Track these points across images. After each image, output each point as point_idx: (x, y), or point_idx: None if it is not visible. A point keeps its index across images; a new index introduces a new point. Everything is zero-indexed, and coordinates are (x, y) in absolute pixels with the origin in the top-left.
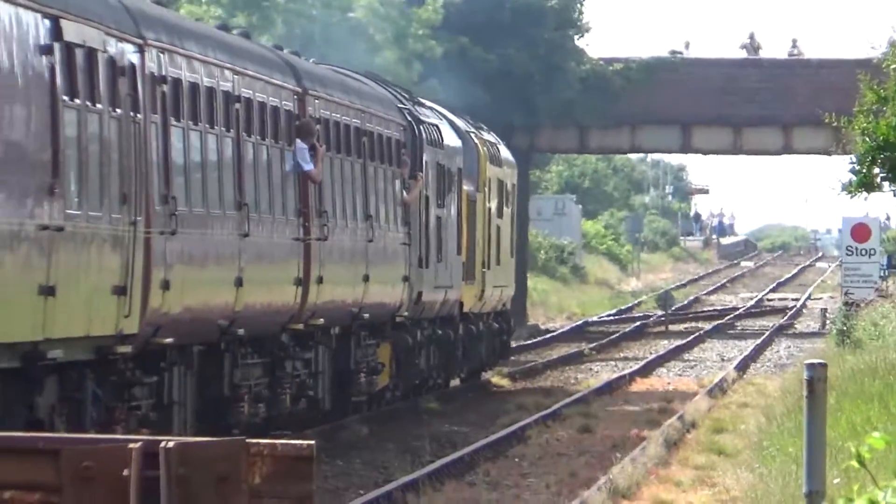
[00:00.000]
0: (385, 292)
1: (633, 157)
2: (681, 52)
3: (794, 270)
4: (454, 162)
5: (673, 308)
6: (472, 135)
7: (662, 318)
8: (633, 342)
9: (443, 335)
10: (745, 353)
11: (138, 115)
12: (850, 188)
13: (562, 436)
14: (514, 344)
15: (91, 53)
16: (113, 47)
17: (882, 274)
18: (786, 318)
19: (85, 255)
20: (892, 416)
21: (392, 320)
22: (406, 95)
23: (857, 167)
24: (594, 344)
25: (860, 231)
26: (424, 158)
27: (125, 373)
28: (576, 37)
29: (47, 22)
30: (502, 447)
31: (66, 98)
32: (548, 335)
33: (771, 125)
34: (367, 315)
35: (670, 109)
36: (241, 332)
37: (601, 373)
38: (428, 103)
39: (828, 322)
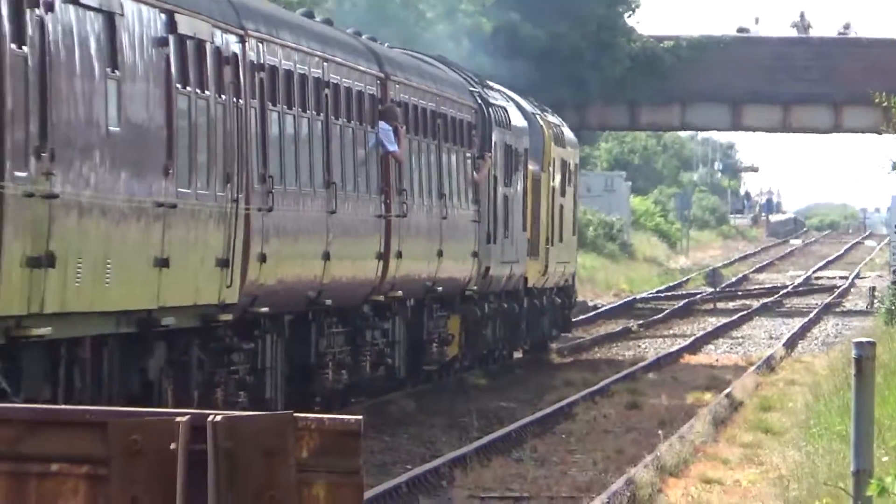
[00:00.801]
0: (456, 267)
1: (683, 134)
2: (748, 30)
3: (843, 249)
4: (521, 142)
5: (721, 285)
6: (538, 116)
7: (711, 296)
8: (682, 319)
9: (508, 308)
10: (793, 330)
11: (240, 101)
12: None
13: (609, 412)
14: None
15: (200, 44)
16: (219, 38)
17: None
18: (834, 296)
19: (194, 231)
20: None
21: (462, 294)
22: (476, 79)
23: None
24: (642, 321)
25: None
26: (493, 139)
27: (225, 339)
28: (626, 14)
29: (163, 16)
30: (550, 423)
31: (178, 86)
32: (596, 312)
33: (820, 103)
34: (440, 288)
35: (720, 87)
36: (328, 302)
37: (649, 350)
38: (496, 86)
39: (876, 300)
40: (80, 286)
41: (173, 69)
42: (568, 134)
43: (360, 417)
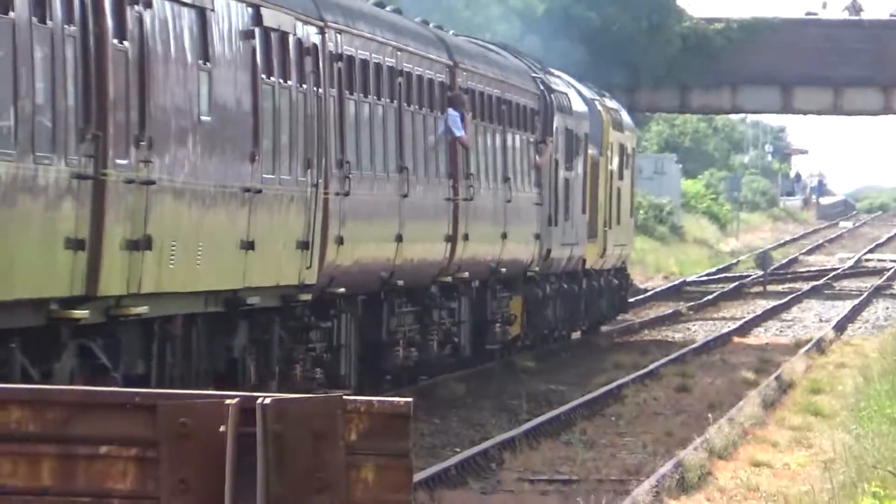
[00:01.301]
0: (519, 249)
1: (734, 117)
2: (815, 13)
3: (893, 231)
4: (581, 127)
5: (771, 268)
6: (597, 102)
7: (761, 278)
8: (731, 302)
9: (568, 289)
10: (843, 313)
11: (320, 90)
12: None
13: (658, 395)
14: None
15: (283, 36)
16: (300, 30)
17: None
18: (884, 279)
19: (277, 214)
20: None
21: (524, 275)
22: (538, 65)
23: None
24: (692, 303)
25: None
26: (555, 124)
27: (303, 318)
28: None
29: (250, 10)
30: (599, 406)
31: (263, 76)
32: (646, 294)
33: (871, 85)
34: (503, 269)
35: (770, 69)
36: (400, 283)
37: (699, 332)
38: (556, 72)
39: None
40: (173, 268)
41: (259, 60)
42: (625, 118)
43: (410, 400)
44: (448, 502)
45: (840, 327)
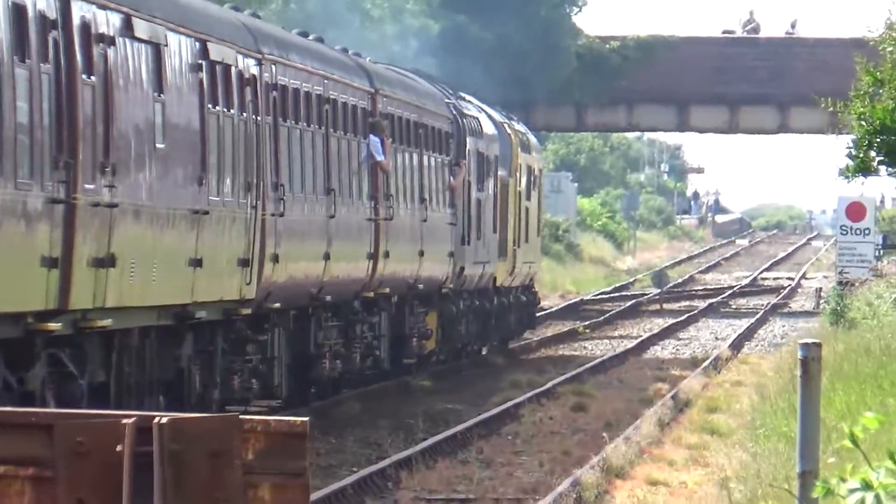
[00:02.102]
0: (435, 266)
1: (630, 135)
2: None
3: (789, 249)
4: (491, 150)
5: (668, 286)
6: (506, 125)
7: (657, 297)
8: (628, 320)
9: (479, 306)
10: (740, 331)
11: (257, 118)
12: (846, 173)
13: (555, 414)
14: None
15: (227, 68)
16: (241, 62)
17: (877, 254)
18: (780, 297)
19: (221, 234)
20: (886, 395)
21: (439, 291)
22: (450, 91)
23: (854, 152)
24: (588, 322)
25: (855, 210)
26: (467, 147)
27: (242, 331)
28: (573, 14)
29: (198, 44)
30: (495, 425)
31: (209, 105)
32: (542, 313)
33: (767, 104)
34: (421, 286)
35: (667, 88)
36: (328, 298)
37: (595, 351)
38: (467, 97)
39: (822, 301)
40: (133, 283)
41: (206, 91)
42: (533, 140)
43: (307, 419)
44: None
45: (736, 345)
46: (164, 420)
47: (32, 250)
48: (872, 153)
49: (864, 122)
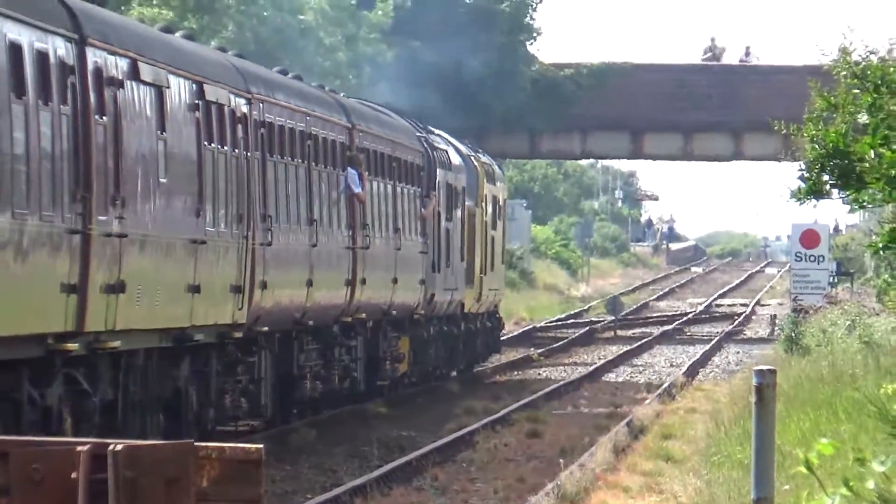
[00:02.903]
0: (408, 293)
1: (584, 162)
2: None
3: (744, 276)
4: (459, 181)
5: (622, 313)
6: (472, 157)
7: (611, 324)
8: (582, 347)
9: (448, 331)
10: (694, 358)
11: (248, 153)
12: (798, 195)
13: (510, 441)
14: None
15: (220, 108)
16: (233, 101)
17: (831, 280)
18: (735, 324)
19: (216, 262)
20: (841, 422)
21: (411, 317)
22: (420, 125)
23: (806, 174)
24: (543, 349)
25: (809, 237)
26: (437, 179)
27: (234, 353)
28: (527, 42)
29: (195, 86)
30: (450, 452)
31: (206, 143)
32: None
33: (721, 131)
34: (395, 312)
35: (621, 115)
36: (311, 322)
37: (550, 378)
38: (436, 131)
39: (776, 328)
40: (139, 307)
41: (202, 129)
42: (497, 172)
43: (261, 446)
44: None
45: (691, 372)
46: (119, 447)
47: (54, 277)
48: (825, 176)
49: (816, 146)
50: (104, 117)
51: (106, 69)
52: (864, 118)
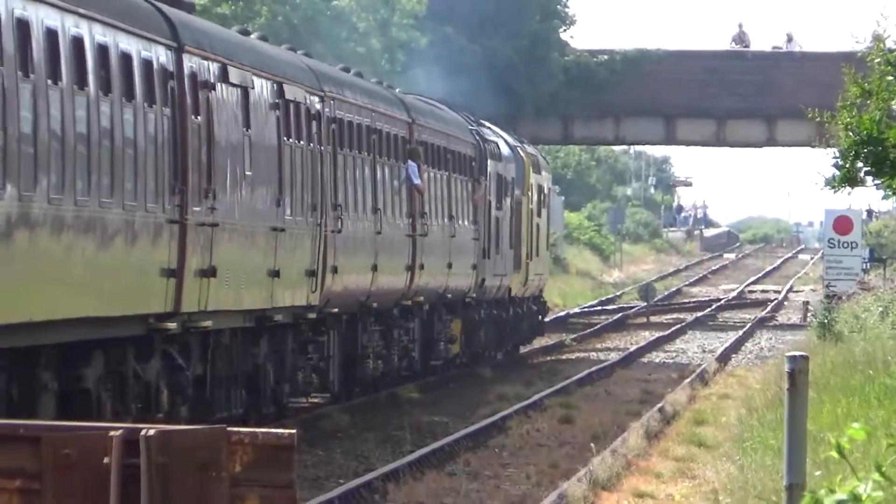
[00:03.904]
0: (461, 278)
1: (617, 148)
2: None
3: (776, 262)
4: (508, 171)
5: (655, 299)
6: (519, 148)
7: (644, 310)
8: (615, 333)
9: (497, 315)
10: (727, 344)
11: (321, 147)
12: (833, 183)
13: (542, 426)
14: None
15: (297, 105)
16: (308, 100)
17: (864, 266)
18: (767, 310)
19: (294, 249)
20: (873, 408)
21: (463, 300)
22: (473, 118)
23: (841, 162)
24: (575, 335)
25: (842, 223)
26: (488, 170)
27: (306, 333)
28: (560, 28)
29: (275, 86)
30: (483, 437)
31: (285, 138)
32: None
33: (754, 117)
34: (449, 295)
35: (654, 101)
36: (374, 305)
37: (582, 363)
38: (487, 124)
39: (809, 314)
40: (227, 290)
41: (281, 125)
42: (542, 161)
43: (294, 431)
44: None
45: (723, 358)
46: (152, 432)
47: (156, 263)
48: (859, 164)
49: (850, 133)
50: (198, 117)
51: (200, 73)
52: None
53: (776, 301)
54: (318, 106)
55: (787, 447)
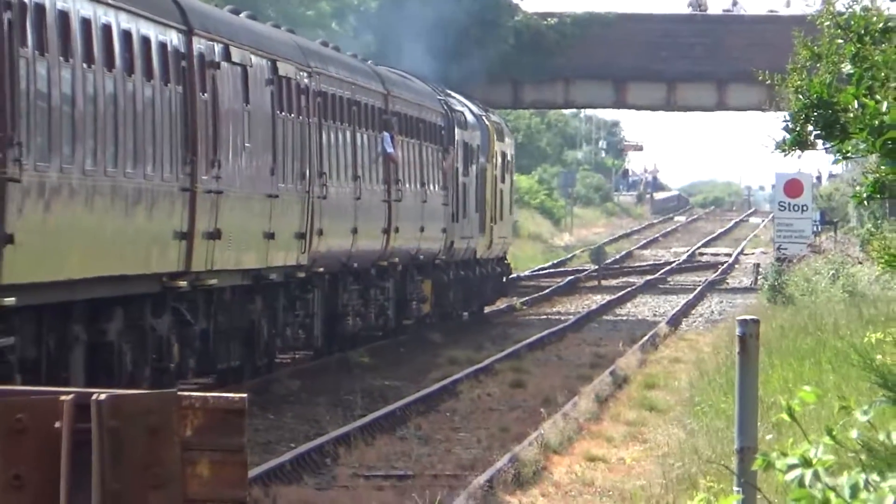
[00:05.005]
0: (432, 240)
1: (567, 112)
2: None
3: (727, 226)
4: (474, 139)
5: (605, 263)
6: (483, 117)
7: (595, 273)
8: (566, 297)
9: (464, 276)
10: (678, 308)
11: (308, 119)
12: (783, 146)
13: (493, 391)
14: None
15: (289, 81)
16: (298, 76)
17: (814, 230)
18: (718, 273)
19: (286, 213)
20: (824, 371)
21: (433, 262)
22: (440, 88)
23: (791, 125)
24: (526, 298)
25: (793, 187)
26: (456, 138)
27: (294, 291)
28: None
29: (270, 63)
30: (434, 402)
31: (278, 111)
32: None
33: (705, 81)
34: (421, 257)
35: (604, 65)
36: (355, 265)
37: (533, 327)
38: (453, 94)
39: (760, 277)
40: (229, 251)
41: (275, 100)
42: (505, 129)
43: (245, 396)
44: (283, 498)
45: (674, 322)
46: (103, 397)
47: (170, 226)
48: (809, 127)
49: (801, 96)
50: (205, 94)
51: (207, 54)
52: (847, 68)
53: (727, 264)
54: (306, 81)
55: (739, 411)
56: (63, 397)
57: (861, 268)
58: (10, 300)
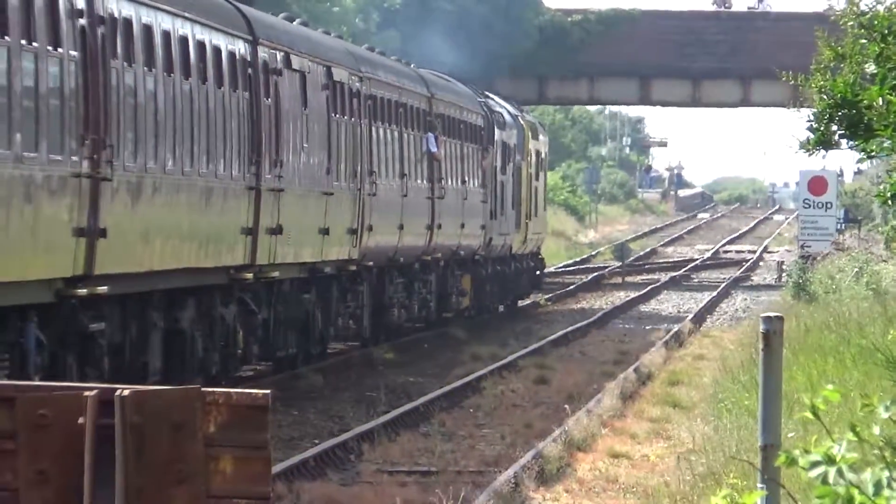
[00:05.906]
0: (472, 237)
1: (591, 108)
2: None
3: (751, 223)
4: (511, 139)
5: (629, 259)
6: (519, 117)
7: (619, 270)
8: (590, 293)
9: (500, 270)
10: (702, 305)
11: (360, 121)
12: (807, 146)
13: (517, 387)
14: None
15: (342, 86)
16: (350, 80)
17: (838, 227)
18: (742, 270)
19: (341, 210)
20: (848, 369)
21: (472, 257)
22: (480, 90)
23: (815, 125)
24: (550, 295)
25: (817, 184)
26: (495, 138)
27: (346, 284)
28: None
29: (325, 69)
30: (457, 398)
31: (332, 114)
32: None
33: (729, 78)
34: (462, 252)
35: (629, 61)
36: (401, 260)
37: (557, 324)
38: (492, 95)
39: (784, 274)
40: (289, 246)
41: (330, 103)
42: (539, 128)
43: (269, 392)
44: (307, 494)
45: (698, 319)
46: (126, 392)
47: (237, 222)
48: (833, 126)
49: (824, 96)
50: (269, 99)
51: (270, 62)
52: (871, 68)
53: (751, 261)
54: (357, 85)
55: (762, 408)
56: (86, 393)
57: (885, 265)
58: (102, 289)
